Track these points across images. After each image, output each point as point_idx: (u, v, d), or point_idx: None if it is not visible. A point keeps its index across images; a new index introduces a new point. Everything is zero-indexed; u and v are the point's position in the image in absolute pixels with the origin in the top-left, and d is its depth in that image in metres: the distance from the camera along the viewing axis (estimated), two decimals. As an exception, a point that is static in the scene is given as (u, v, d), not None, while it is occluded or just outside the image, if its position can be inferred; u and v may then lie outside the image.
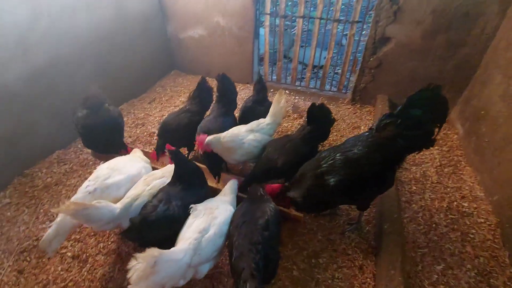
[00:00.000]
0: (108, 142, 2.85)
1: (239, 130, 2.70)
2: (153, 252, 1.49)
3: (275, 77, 4.71)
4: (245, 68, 4.57)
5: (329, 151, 2.13)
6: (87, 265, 2.30)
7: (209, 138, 2.56)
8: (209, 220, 1.88)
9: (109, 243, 2.48)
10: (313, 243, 2.45)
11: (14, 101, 2.88)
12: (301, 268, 2.27)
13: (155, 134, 3.67)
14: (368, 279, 2.17)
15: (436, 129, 1.87)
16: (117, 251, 2.40)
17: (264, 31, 4.29)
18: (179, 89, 4.73)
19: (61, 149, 3.45)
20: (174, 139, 2.92)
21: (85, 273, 2.25)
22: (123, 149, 2.90)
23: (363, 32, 4.15)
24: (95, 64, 3.68)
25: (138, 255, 1.49)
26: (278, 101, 2.79)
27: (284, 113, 2.89)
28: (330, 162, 2.03)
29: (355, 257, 2.33)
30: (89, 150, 3.23)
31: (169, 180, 2.36)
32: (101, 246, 2.44)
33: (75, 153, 3.44)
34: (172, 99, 4.47)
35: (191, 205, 2.02)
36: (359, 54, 4.04)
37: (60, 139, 3.44)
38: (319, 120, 2.56)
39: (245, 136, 2.65)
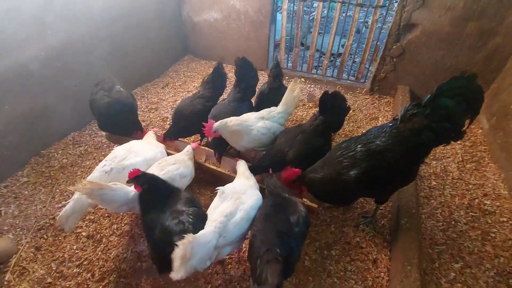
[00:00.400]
0: (124, 123, 2.84)
1: (248, 117, 2.63)
2: (188, 238, 1.50)
3: (290, 64, 4.58)
4: (261, 54, 4.44)
5: (349, 142, 2.05)
6: (101, 245, 2.34)
7: (216, 124, 2.50)
8: (236, 204, 1.89)
9: (123, 224, 2.50)
10: (325, 235, 2.41)
11: (31, 82, 2.90)
12: (312, 258, 2.24)
13: (168, 119, 3.66)
14: (382, 273, 2.13)
15: (467, 121, 1.75)
16: (130, 233, 2.43)
17: (281, 16, 4.14)
18: (193, 74, 4.67)
19: (76, 131, 3.48)
20: (188, 126, 2.90)
21: (99, 253, 2.29)
22: (139, 130, 2.89)
23: (386, 19, 3.93)
24: (109, 46, 3.65)
25: (178, 242, 1.50)
26: (292, 90, 2.70)
27: (297, 102, 2.80)
28: (351, 153, 1.95)
29: (369, 250, 2.28)
30: (104, 133, 3.25)
31: (181, 168, 2.36)
32: (115, 228, 2.47)
33: (90, 135, 3.46)
34: (186, 84, 4.42)
35: (218, 187, 2.03)
36: (380, 42, 3.86)
37: (75, 121, 3.46)
38: (332, 109, 2.39)
39: (254, 123, 2.59)
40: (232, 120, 2.52)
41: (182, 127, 2.89)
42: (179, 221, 1.74)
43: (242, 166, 2.36)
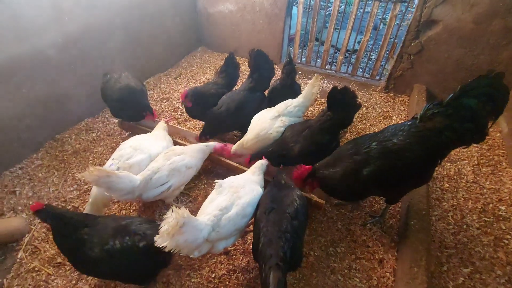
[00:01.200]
0: (135, 106, 2.88)
1: (263, 122, 2.60)
2: (183, 212, 1.51)
3: (304, 59, 4.51)
4: (274, 48, 4.39)
5: (364, 139, 2.00)
6: (110, 230, 2.39)
7: (233, 147, 2.61)
8: (232, 199, 1.86)
9: (131, 211, 2.55)
10: (331, 232, 2.38)
11: (48, 67, 2.96)
12: (317, 254, 2.23)
13: (180, 109, 3.69)
14: (388, 273, 2.09)
15: (491, 122, 1.68)
16: (138, 219, 2.47)
17: (297, 9, 4.07)
18: (205, 65, 4.67)
19: (90, 117, 3.55)
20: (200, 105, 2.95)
21: (108, 237, 2.34)
22: (149, 112, 2.91)
23: (405, 16, 3.81)
24: (125, 35, 3.68)
25: (174, 209, 1.51)
26: (313, 85, 2.67)
27: (314, 98, 2.77)
28: (365, 150, 1.90)
29: (376, 250, 2.24)
30: (116, 121, 3.31)
31: (187, 158, 2.37)
32: (124, 213, 2.52)
33: (102, 122, 3.52)
34: (198, 75, 4.42)
35: (216, 180, 2.01)
36: (397, 39, 3.74)
37: (89, 108, 3.53)
38: (340, 105, 2.29)
39: (271, 125, 2.56)
40: (247, 140, 2.58)
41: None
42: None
43: (257, 164, 2.30)
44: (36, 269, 2.15)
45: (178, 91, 4.07)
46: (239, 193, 1.91)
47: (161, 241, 1.54)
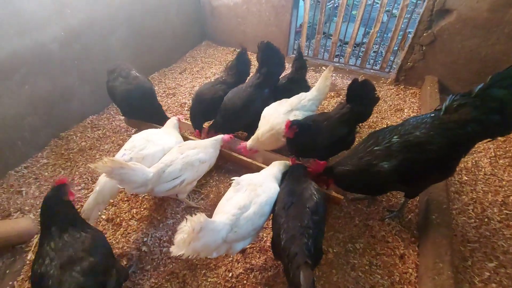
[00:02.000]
0: (146, 108, 2.80)
1: (276, 117, 2.48)
2: (199, 217, 1.45)
3: (311, 52, 4.42)
4: (281, 41, 4.28)
5: (384, 132, 1.93)
6: (121, 229, 2.32)
7: (248, 144, 2.53)
8: (250, 197, 1.78)
9: (142, 209, 2.48)
10: (349, 227, 2.32)
11: (50, 63, 2.86)
12: (336, 251, 2.17)
13: (186, 105, 3.60)
14: (410, 269, 2.04)
15: None
16: (150, 218, 2.40)
17: (304, 1, 3.97)
18: (210, 60, 4.57)
19: (94, 114, 3.46)
20: (208, 111, 2.83)
21: (119, 236, 2.27)
22: (156, 114, 2.83)
23: (416, 4, 3.72)
24: (128, 29, 3.58)
25: (188, 217, 1.45)
26: (327, 77, 2.59)
27: (328, 91, 2.69)
28: (386, 144, 1.83)
29: (396, 245, 2.18)
30: (122, 117, 3.22)
31: (201, 153, 2.29)
32: (134, 212, 2.45)
33: (108, 119, 3.43)
34: (203, 70, 4.33)
35: (233, 177, 1.93)
36: (408, 30, 3.66)
37: (94, 105, 3.44)
38: (361, 98, 2.27)
39: (283, 119, 2.44)
40: (262, 133, 2.48)
41: (202, 111, 2.82)
42: None
43: (279, 163, 2.18)
44: (46, 271, 2.08)
45: (184, 86, 3.98)
46: (256, 191, 1.83)
47: (177, 250, 1.48)
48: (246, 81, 2.98)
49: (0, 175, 2.72)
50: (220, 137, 2.49)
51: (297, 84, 2.89)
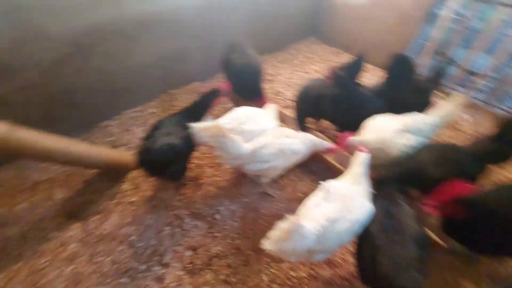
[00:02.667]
0: (251, 86, 2.89)
1: (385, 134, 2.24)
2: (296, 219, 1.40)
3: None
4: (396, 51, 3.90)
5: None
6: (201, 191, 2.47)
7: (352, 140, 2.31)
8: (342, 211, 1.62)
9: (222, 180, 2.58)
10: (437, 280, 1.99)
11: (180, 27, 3.16)
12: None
13: (280, 93, 3.62)
14: None
15: None
16: (227, 190, 2.50)
17: (439, 15, 3.51)
18: (313, 56, 4.48)
19: (200, 81, 3.72)
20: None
21: (198, 197, 2.42)
22: (258, 97, 2.89)
23: None
24: (247, 9, 3.72)
25: (288, 216, 1.43)
26: (457, 106, 2.29)
27: (450, 121, 2.36)
28: None
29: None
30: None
31: (296, 144, 2.25)
32: (215, 180, 2.57)
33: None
34: (304, 64, 4.27)
35: (321, 181, 1.78)
36: None
37: (201, 73, 3.71)
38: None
39: (393, 138, 2.21)
40: (369, 141, 2.21)
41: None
42: None
43: (359, 170, 1.89)
44: (135, 203, 2.35)
45: (282, 75, 3.99)
46: (348, 205, 1.65)
47: (269, 245, 1.49)
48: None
49: (117, 113, 3.17)
50: (325, 144, 2.41)
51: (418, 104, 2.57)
